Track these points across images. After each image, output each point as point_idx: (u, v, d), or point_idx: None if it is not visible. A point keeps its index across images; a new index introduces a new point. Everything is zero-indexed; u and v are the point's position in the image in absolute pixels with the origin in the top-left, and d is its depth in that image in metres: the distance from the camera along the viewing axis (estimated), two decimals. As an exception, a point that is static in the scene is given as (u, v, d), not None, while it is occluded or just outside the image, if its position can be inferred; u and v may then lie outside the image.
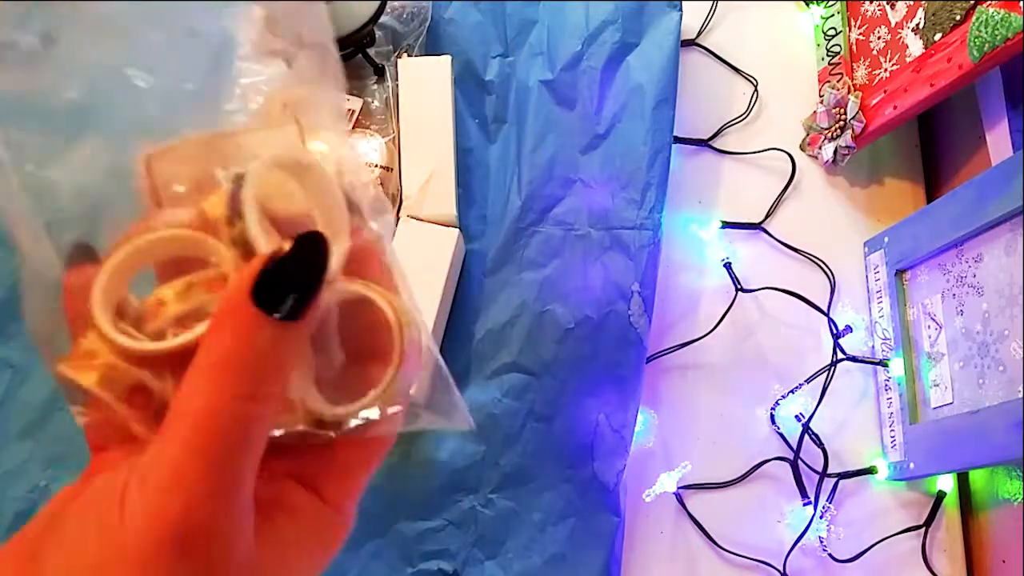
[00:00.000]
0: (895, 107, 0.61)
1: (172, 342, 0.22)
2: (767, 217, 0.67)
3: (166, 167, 0.24)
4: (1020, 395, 0.50)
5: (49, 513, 0.23)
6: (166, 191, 0.24)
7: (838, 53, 0.68)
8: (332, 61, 0.27)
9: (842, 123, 0.66)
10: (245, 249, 0.22)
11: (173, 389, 0.22)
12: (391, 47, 0.65)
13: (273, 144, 0.24)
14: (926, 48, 0.59)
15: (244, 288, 0.21)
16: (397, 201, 0.60)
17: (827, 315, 0.64)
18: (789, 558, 0.60)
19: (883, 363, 0.62)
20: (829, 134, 0.67)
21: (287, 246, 0.22)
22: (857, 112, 0.64)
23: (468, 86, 0.65)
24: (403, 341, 0.24)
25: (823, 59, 0.70)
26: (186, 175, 0.24)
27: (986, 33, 0.52)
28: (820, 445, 0.61)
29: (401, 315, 0.24)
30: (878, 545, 0.60)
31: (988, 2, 0.53)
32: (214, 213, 0.23)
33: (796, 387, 0.63)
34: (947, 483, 0.60)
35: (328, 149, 0.26)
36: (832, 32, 0.69)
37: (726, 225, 0.66)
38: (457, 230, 0.59)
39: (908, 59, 0.61)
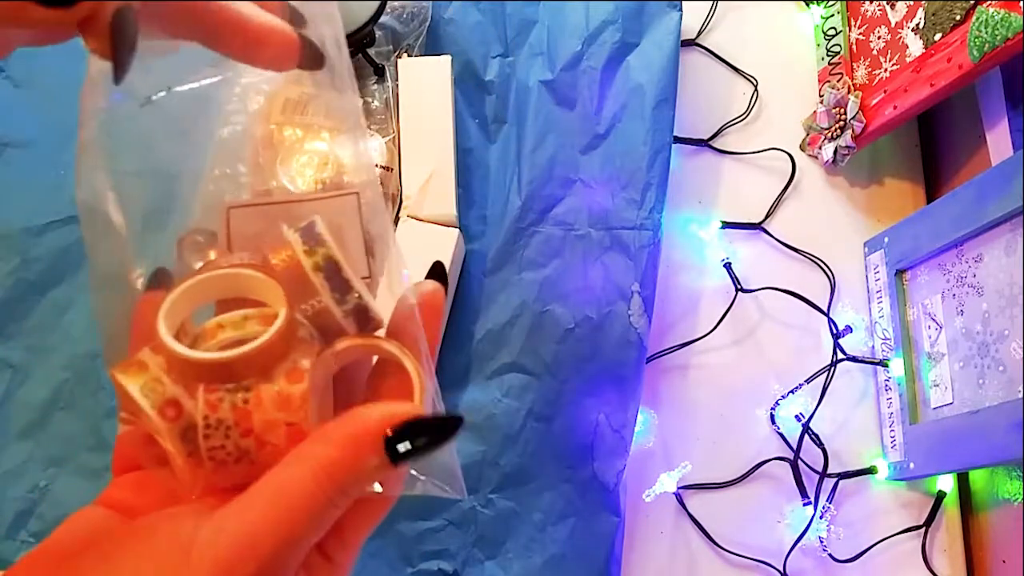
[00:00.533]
0: (895, 107, 0.61)
1: (211, 355, 0.25)
2: (767, 217, 0.67)
3: (242, 219, 0.28)
4: (1020, 395, 0.50)
5: (84, 540, 0.24)
6: (237, 238, 0.28)
7: (838, 53, 0.68)
8: (335, 60, 0.27)
9: (842, 123, 0.66)
10: (327, 272, 0.26)
11: (201, 408, 0.24)
12: (391, 47, 0.65)
13: (336, 210, 0.28)
14: (926, 48, 0.59)
15: (384, 424, 0.24)
16: (397, 201, 0.60)
17: (827, 315, 0.64)
18: (789, 558, 0.60)
19: (883, 363, 0.62)
20: (829, 134, 0.67)
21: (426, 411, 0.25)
22: (857, 112, 0.64)
23: (468, 86, 0.65)
24: (421, 403, 0.27)
25: (823, 59, 0.70)
26: (257, 228, 0.28)
27: (986, 33, 0.52)
28: (820, 445, 0.61)
29: (423, 380, 0.27)
30: (878, 545, 0.60)
31: (988, 2, 0.53)
32: (290, 248, 0.26)
33: (796, 387, 0.63)
34: (947, 483, 0.60)
35: (328, 148, 0.27)
36: (832, 32, 0.69)
37: (726, 225, 0.66)
38: (457, 230, 0.59)
39: (908, 59, 0.61)
